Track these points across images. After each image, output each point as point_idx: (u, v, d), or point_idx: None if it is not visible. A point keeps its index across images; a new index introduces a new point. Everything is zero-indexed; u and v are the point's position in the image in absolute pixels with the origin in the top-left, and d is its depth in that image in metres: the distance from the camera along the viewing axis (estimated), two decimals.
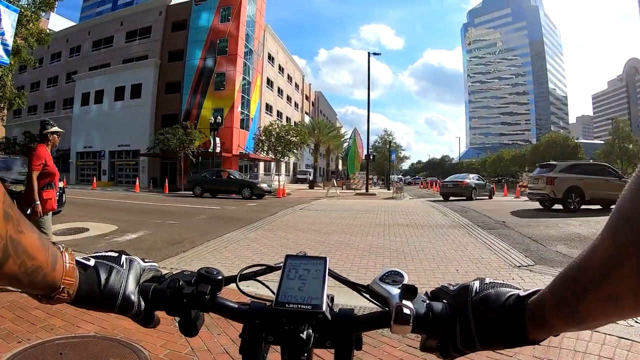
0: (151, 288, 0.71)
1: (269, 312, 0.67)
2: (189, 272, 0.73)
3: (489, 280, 0.66)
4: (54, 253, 0.59)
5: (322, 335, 0.66)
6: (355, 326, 0.68)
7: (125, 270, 0.69)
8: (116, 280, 0.67)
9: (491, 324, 0.60)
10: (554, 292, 0.55)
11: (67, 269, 0.61)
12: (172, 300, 0.69)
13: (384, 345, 3.26)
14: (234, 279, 0.76)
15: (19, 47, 21.24)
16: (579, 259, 0.51)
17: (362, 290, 0.75)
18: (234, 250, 7.55)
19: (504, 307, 0.61)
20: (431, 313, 0.64)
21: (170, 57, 41.45)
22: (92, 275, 0.65)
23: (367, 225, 11.05)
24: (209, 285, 0.69)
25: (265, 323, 0.67)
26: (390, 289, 0.67)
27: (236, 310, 0.70)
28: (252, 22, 43.02)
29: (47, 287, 0.59)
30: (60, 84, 48.81)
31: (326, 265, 0.73)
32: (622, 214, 0.46)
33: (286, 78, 56.83)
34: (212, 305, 0.70)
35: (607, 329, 3.47)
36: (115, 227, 9.88)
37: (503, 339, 0.60)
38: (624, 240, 0.44)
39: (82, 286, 0.63)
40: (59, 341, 3.12)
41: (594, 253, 0.48)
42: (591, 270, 0.49)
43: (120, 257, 0.71)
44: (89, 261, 0.67)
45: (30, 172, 4.76)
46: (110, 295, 0.65)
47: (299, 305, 0.65)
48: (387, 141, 66.74)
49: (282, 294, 0.67)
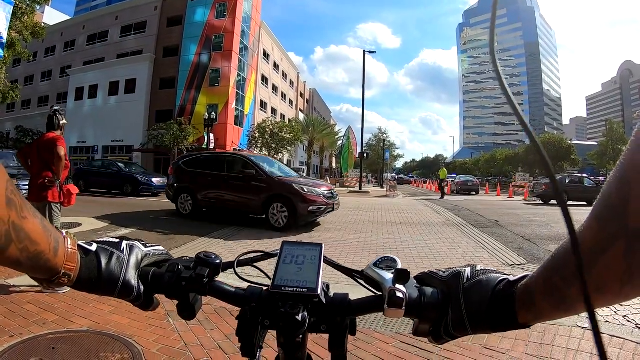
0: (151, 272, 0.71)
1: (265, 296, 0.68)
2: (188, 257, 0.74)
3: (480, 267, 0.67)
4: (56, 238, 0.60)
5: (317, 319, 0.66)
6: (349, 310, 0.68)
7: (126, 255, 0.69)
8: (116, 266, 0.67)
9: (482, 308, 0.61)
10: (544, 277, 0.56)
11: (69, 254, 0.62)
12: (171, 283, 0.69)
13: (378, 342, 3.27)
14: (232, 264, 0.77)
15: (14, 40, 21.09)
16: (566, 244, 0.52)
17: (357, 276, 0.76)
18: (227, 246, 7.54)
19: (494, 292, 0.61)
20: (424, 298, 0.66)
21: (165, 52, 41.28)
22: (92, 260, 0.66)
23: (360, 222, 11.06)
24: (207, 269, 0.70)
25: (261, 306, 0.67)
26: (384, 274, 0.68)
27: (233, 294, 0.71)
28: (248, 19, 42.90)
29: (48, 271, 0.60)
30: (55, 78, 48.53)
31: (322, 252, 0.74)
32: (607, 201, 0.46)
33: (281, 75, 56.68)
34: (209, 289, 0.70)
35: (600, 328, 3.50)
36: (107, 222, 9.84)
37: (493, 323, 0.61)
38: (609, 226, 0.45)
39: (82, 271, 0.64)
40: (51, 335, 3.11)
41: (582, 239, 0.48)
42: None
43: (121, 242, 0.71)
44: (91, 246, 0.67)
45: (58, 156, 4.64)
46: (111, 280, 0.66)
47: (295, 288, 0.66)
48: (381, 139, 66.71)
49: (278, 278, 0.68)
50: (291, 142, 40.25)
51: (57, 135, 4.77)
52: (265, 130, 38.07)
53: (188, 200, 11.12)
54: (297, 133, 40.77)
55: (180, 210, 11.21)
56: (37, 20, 24.41)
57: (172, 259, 0.76)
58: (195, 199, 10.94)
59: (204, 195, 10.79)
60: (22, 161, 4.91)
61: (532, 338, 3.35)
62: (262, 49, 48.38)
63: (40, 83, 49.92)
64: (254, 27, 44.61)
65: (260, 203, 9.77)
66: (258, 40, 46.40)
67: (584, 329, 3.53)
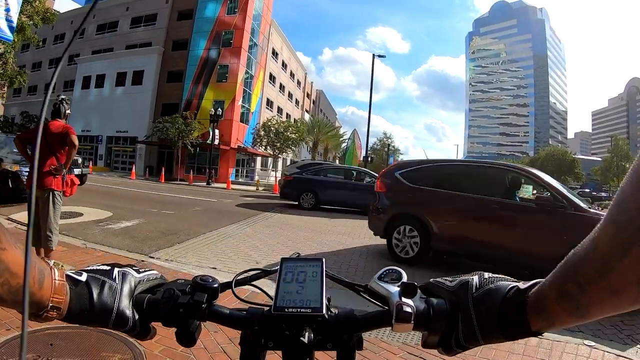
0: (145, 299, 0.68)
1: (268, 318, 0.65)
2: (183, 280, 0.71)
3: (488, 275, 0.66)
4: (40, 270, 0.57)
5: (322, 337, 0.65)
6: (356, 326, 0.67)
7: (118, 284, 0.66)
8: (109, 296, 0.64)
9: (493, 318, 0.60)
10: (556, 283, 0.55)
11: (56, 285, 0.58)
12: (168, 310, 0.66)
13: (384, 352, 3.23)
14: (230, 285, 0.75)
15: (24, 25, 21.04)
16: (580, 250, 0.52)
17: (361, 291, 0.75)
18: (229, 244, 7.47)
19: (505, 300, 0.60)
20: (432, 310, 0.64)
21: (174, 46, 41.17)
22: (83, 290, 0.62)
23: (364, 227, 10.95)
24: (205, 294, 0.67)
25: (264, 329, 0.65)
26: (390, 288, 0.66)
27: (234, 318, 0.68)
28: (259, 16, 42.82)
29: (34, 305, 0.56)
30: (62, 66, 48.38)
31: (323, 267, 0.72)
32: (621, 205, 0.46)
33: (289, 74, 56.57)
34: (208, 314, 0.67)
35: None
36: (109, 213, 9.77)
37: (505, 332, 0.60)
38: (625, 231, 0.44)
39: (73, 303, 0.60)
40: (50, 331, 3.00)
41: (596, 245, 0.49)
42: (593, 262, 0.49)
43: (113, 270, 0.68)
44: (81, 276, 0.64)
45: (73, 145, 4.61)
46: (104, 311, 0.63)
47: (299, 309, 0.64)
48: (385, 144, 66.66)
49: (280, 298, 0.66)
50: (296, 142, 40.16)
51: (66, 124, 4.72)
52: (270, 128, 38.00)
53: (413, 237, 6.93)
54: (302, 133, 40.67)
55: (397, 253, 7.09)
56: (48, 5, 24.37)
57: (166, 282, 0.73)
58: (429, 236, 6.78)
59: (450, 232, 6.76)
60: (20, 148, 4.79)
61: (540, 354, 3.33)
62: (271, 48, 48.28)
63: (48, 70, 49.83)
64: (264, 24, 44.55)
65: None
66: (267, 38, 46.33)
67: (590, 347, 3.53)
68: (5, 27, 13.10)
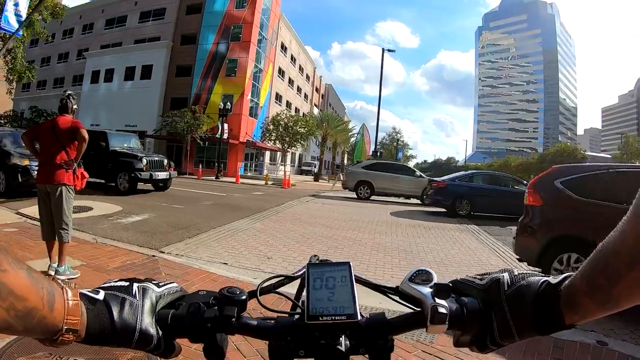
0: (169, 315, 0.64)
1: (301, 327, 0.64)
2: (204, 292, 0.68)
3: (517, 272, 0.66)
4: (50, 290, 0.52)
5: (356, 342, 0.64)
6: (389, 330, 0.66)
7: (140, 300, 0.62)
8: (130, 314, 0.59)
9: (527, 313, 0.61)
10: (586, 277, 0.56)
11: (70, 306, 0.54)
12: (195, 326, 0.63)
13: (399, 349, 3.16)
14: (254, 293, 0.71)
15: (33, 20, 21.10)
16: (608, 244, 0.53)
17: (391, 293, 0.74)
18: (240, 239, 7.44)
19: (538, 295, 0.61)
20: (465, 309, 0.64)
21: (183, 40, 41.17)
22: (102, 310, 0.58)
23: (374, 222, 10.92)
24: (234, 307, 0.64)
25: (296, 338, 0.63)
26: (422, 289, 0.66)
27: (263, 328, 0.66)
28: (268, 10, 42.71)
29: (46, 330, 0.52)
30: (71, 61, 48.65)
31: (351, 271, 0.70)
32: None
33: (298, 69, 56.46)
34: (238, 327, 0.64)
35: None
36: (119, 207, 9.79)
37: (540, 327, 0.60)
38: None
39: (91, 324, 0.56)
40: None
41: (623, 238, 0.49)
42: (622, 255, 0.50)
43: (132, 286, 0.63)
44: (98, 294, 0.59)
45: (84, 139, 4.64)
46: (126, 331, 0.58)
47: (333, 316, 0.62)
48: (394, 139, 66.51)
49: (312, 306, 0.64)
50: (305, 136, 40.12)
51: (74, 119, 4.76)
52: (279, 123, 37.97)
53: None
54: (311, 127, 40.63)
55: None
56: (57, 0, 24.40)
57: (186, 294, 0.69)
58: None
59: None
60: (28, 143, 4.81)
61: (553, 354, 3.28)
62: (280, 42, 48.19)
63: (57, 65, 50.06)
64: (273, 19, 44.44)
65: None
66: (276, 32, 46.23)
67: (603, 346, 3.49)
68: (15, 21, 13.19)
